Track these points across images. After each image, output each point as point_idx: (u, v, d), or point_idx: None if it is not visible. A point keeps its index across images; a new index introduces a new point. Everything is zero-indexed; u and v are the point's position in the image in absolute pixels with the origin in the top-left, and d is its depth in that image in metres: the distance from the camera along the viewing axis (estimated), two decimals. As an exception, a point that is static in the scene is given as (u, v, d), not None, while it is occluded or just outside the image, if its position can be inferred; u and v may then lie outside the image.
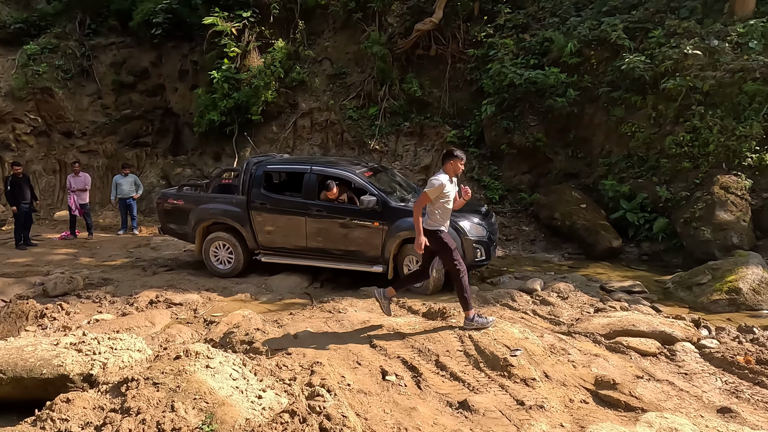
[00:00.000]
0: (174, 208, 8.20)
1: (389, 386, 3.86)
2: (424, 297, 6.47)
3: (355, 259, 7.11)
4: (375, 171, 7.68)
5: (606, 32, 10.97)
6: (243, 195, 7.55)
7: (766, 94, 9.23)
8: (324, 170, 7.36)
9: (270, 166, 7.69)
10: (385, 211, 6.81)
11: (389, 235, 6.78)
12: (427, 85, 13.82)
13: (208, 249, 7.85)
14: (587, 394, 3.63)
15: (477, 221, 6.91)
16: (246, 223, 7.51)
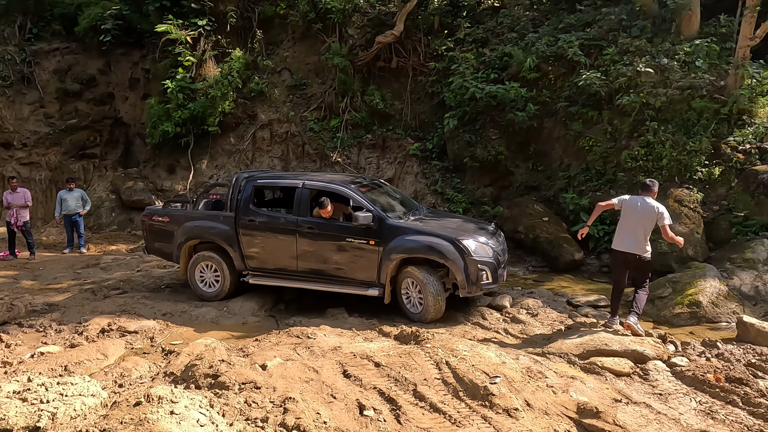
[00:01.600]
0: (159, 226, 7.72)
1: (368, 422, 3.68)
2: (406, 321, 6.20)
3: (350, 282, 6.59)
4: (372, 186, 7.22)
5: (563, 49, 11.25)
6: (231, 212, 7.09)
7: (712, 110, 9.67)
8: (317, 185, 6.90)
9: (260, 181, 7.24)
10: (381, 229, 6.30)
11: (386, 256, 6.26)
12: (389, 97, 13.78)
13: (193, 270, 7.31)
14: (571, 424, 3.57)
15: (483, 240, 6.31)
16: (233, 242, 7.01)
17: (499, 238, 6.84)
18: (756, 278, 7.15)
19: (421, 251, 6.16)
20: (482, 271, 6.04)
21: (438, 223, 6.91)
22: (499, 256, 6.45)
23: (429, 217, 7.21)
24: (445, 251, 6.02)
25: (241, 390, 4.18)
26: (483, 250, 6.18)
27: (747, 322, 5.65)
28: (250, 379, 4.34)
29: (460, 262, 5.98)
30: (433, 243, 6.11)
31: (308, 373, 4.49)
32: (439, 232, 6.25)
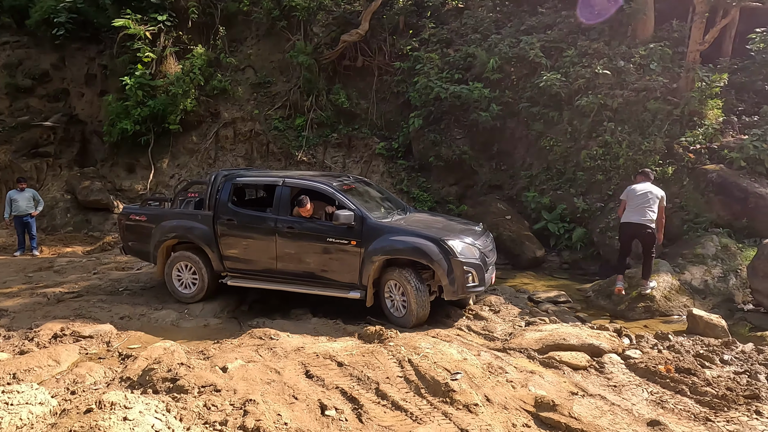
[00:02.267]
0: (136, 226, 7.43)
1: (329, 422, 3.67)
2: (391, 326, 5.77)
3: (331, 284, 6.32)
4: (357, 185, 6.97)
5: (525, 50, 11.48)
6: (209, 211, 6.85)
7: (666, 112, 10.05)
8: (297, 183, 6.67)
9: (239, 179, 7.00)
10: (363, 228, 6.04)
11: (368, 257, 5.99)
12: (354, 96, 13.76)
13: (170, 271, 7.07)
14: (529, 417, 3.65)
15: (470, 241, 6.00)
16: (211, 242, 6.78)
17: (487, 239, 6.55)
18: (705, 273, 7.47)
19: (404, 252, 5.90)
20: (468, 273, 5.77)
21: (423, 222, 6.64)
22: (486, 257, 6.16)
23: (415, 216, 6.96)
24: (429, 252, 5.77)
25: (201, 393, 4.09)
26: (469, 251, 5.90)
27: (696, 315, 5.90)
28: (210, 382, 4.25)
29: (445, 264, 5.72)
30: (417, 243, 5.84)
31: (270, 375, 4.44)
32: (424, 232, 6.00)
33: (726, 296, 7.13)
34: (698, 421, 3.73)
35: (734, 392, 4.13)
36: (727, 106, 10.39)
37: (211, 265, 6.87)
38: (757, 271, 6.49)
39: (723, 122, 10.01)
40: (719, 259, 7.68)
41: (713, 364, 4.76)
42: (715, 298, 7.13)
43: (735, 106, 10.69)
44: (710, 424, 3.68)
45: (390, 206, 6.96)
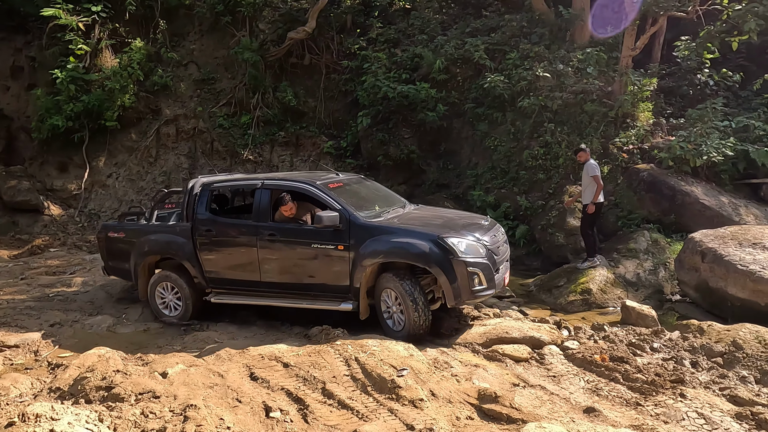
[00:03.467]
0: (116, 243, 6.81)
1: (274, 424, 3.60)
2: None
3: (320, 295, 5.64)
4: (347, 183, 6.30)
5: (470, 52, 11.74)
6: (187, 222, 6.23)
7: (601, 113, 10.53)
8: (277, 184, 6.03)
9: (216, 184, 6.43)
10: (351, 230, 5.33)
11: (358, 262, 5.27)
12: (302, 94, 13.61)
13: (153, 291, 6.42)
14: (472, 410, 3.73)
15: (474, 237, 5.24)
16: (192, 257, 6.13)
17: (497, 234, 5.72)
18: (637, 266, 7.90)
19: (396, 255, 5.18)
20: (474, 274, 4.99)
21: (421, 219, 5.96)
22: (495, 254, 5.35)
23: (414, 213, 6.24)
24: (425, 253, 5.04)
25: (138, 401, 3.92)
26: (473, 249, 5.11)
27: (629, 306, 6.22)
28: (148, 388, 4.08)
29: (445, 266, 4.97)
30: (410, 243, 5.13)
31: (213, 378, 4.31)
32: (418, 230, 5.30)
33: (656, 288, 7.57)
34: (630, 406, 3.93)
35: (662, 377, 4.38)
36: (657, 109, 11.03)
37: (193, 282, 6.24)
38: (683, 263, 6.92)
39: (653, 124, 10.61)
40: (650, 253, 8.14)
41: (644, 352, 5.04)
42: (647, 289, 7.55)
43: (664, 109, 11.36)
44: (640, 408, 3.89)
45: (386, 204, 6.21)
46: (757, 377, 4.50)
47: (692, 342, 5.14)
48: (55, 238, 11.34)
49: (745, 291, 5.83)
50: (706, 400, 3.96)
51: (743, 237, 6.47)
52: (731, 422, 3.65)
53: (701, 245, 6.57)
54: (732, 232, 6.70)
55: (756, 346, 4.81)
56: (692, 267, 6.65)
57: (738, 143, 9.26)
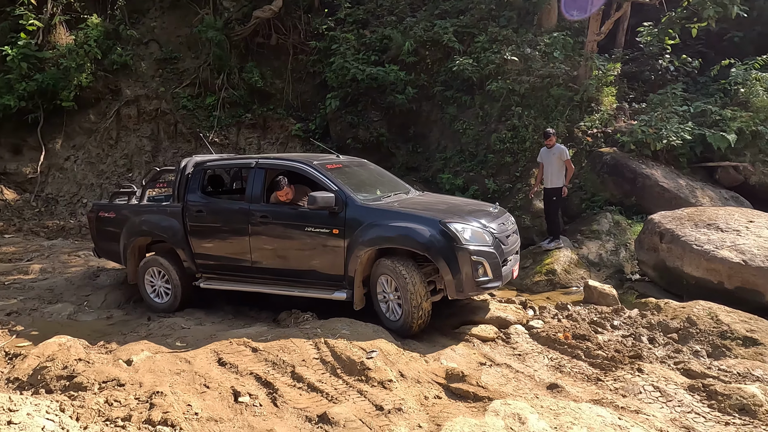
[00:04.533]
0: (106, 224, 6.56)
1: (243, 408, 3.59)
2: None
3: (313, 283, 5.35)
4: (346, 165, 5.98)
5: (438, 34, 11.70)
6: (178, 202, 6.00)
7: (568, 98, 10.70)
8: (272, 163, 5.75)
9: (209, 163, 6.19)
10: (347, 213, 5.03)
11: (353, 247, 4.96)
12: (268, 75, 13.33)
13: (143, 276, 6.19)
14: (440, 389, 3.80)
15: (479, 224, 4.88)
16: (181, 239, 5.90)
17: (506, 222, 5.36)
18: (600, 247, 8.14)
19: (394, 240, 4.84)
20: (478, 264, 4.64)
21: (424, 204, 5.60)
22: (503, 244, 5.02)
23: (417, 198, 5.95)
24: (425, 238, 4.68)
25: (102, 389, 3.84)
26: (479, 237, 4.77)
27: (591, 286, 6.41)
28: (112, 376, 4.00)
29: (447, 253, 4.62)
30: (410, 228, 4.79)
31: (180, 365, 4.25)
32: (420, 214, 4.96)
33: (617, 268, 7.83)
34: (591, 382, 4.08)
35: (621, 354, 4.56)
36: (620, 94, 11.27)
37: (182, 266, 5.99)
38: (643, 244, 7.17)
39: (616, 108, 10.85)
40: (612, 234, 8.39)
41: (605, 329, 5.22)
42: (608, 269, 7.80)
43: (627, 93, 11.62)
44: (600, 383, 4.04)
45: (388, 189, 5.90)
46: (708, 351, 4.73)
47: (650, 319, 5.35)
48: (10, 223, 10.89)
49: (700, 270, 6.09)
50: (661, 374, 4.14)
51: (699, 218, 6.73)
52: (684, 394, 3.83)
53: (660, 226, 6.80)
54: (689, 214, 6.96)
55: (708, 322, 5.05)
56: (651, 247, 6.89)
57: (696, 128, 9.58)
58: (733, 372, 4.22)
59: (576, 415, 3.26)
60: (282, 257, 5.46)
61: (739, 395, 3.68)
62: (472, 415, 3.35)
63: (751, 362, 4.45)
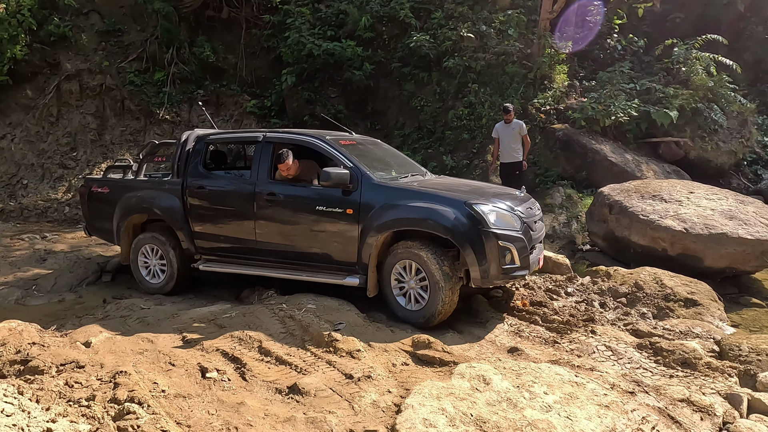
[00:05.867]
0: (99, 199, 6.19)
1: (211, 384, 3.57)
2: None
3: (323, 267, 5.00)
4: (361, 143, 5.65)
5: (395, 10, 11.61)
6: (177, 177, 5.66)
7: (522, 75, 10.93)
8: (281, 137, 5.38)
9: (213, 137, 5.81)
10: (362, 192, 4.68)
11: (368, 229, 4.59)
12: (221, 50, 12.88)
13: (136, 256, 5.88)
14: (407, 357, 3.90)
15: (506, 207, 4.55)
16: (180, 217, 5.55)
17: (533, 207, 5.01)
18: (553, 219, 8.47)
19: (415, 222, 4.49)
20: (506, 249, 4.30)
21: (445, 185, 5.28)
22: (532, 230, 4.69)
23: (435, 180, 5.65)
24: (449, 221, 4.33)
25: (60, 372, 3.72)
26: (506, 221, 4.44)
27: (546, 256, 6.68)
28: (70, 359, 3.88)
29: (473, 237, 4.27)
30: (432, 209, 4.43)
31: (142, 345, 4.17)
32: (443, 194, 4.61)
33: (569, 239, 8.18)
34: (548, 344, 4.30)
35: (575, 318, 4.81)
36: (571, 72, 11.61)
37: (180, 246, 5.65)
38: (593, 216, 7.50)
39: (568, 86, 11.18)
40: (564, 207, 8.74)
41: (559, 296, 5.48)
42: (561, 240, 8.14)
43: (577, 71, 11.98)
44: (557, 345, 4.26)
45: (404, 170, 5.55)
46: (654, 313, 5.07)
47: (601, 286, 5.65)
48: (-58, 207, 10.18)
49: (646, 238, 6.45)
50: (612, 335, 4.41)
51: (644, 190, 7.10)
52: (633, 352, 4.11)
53: (609, 198, 7.14)
54: (635, 186, 7.33)
55: (654, 286, 5.39)
56: (601, 219, 7.23)
57: (641, 105, 10.03)
58: (676, 330, 4.55)
59: (536, 374, 3.44)
60: (290, 239, 5.08)
61: (682, 350, 3.98)
62: (439, 378, 3.47)
63: (692, 321, 4.81)
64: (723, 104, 10.43)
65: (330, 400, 3.28)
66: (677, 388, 3.50)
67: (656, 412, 3.19)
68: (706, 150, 10.13)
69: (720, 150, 10.26)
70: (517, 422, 2.91)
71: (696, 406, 3.34)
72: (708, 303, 5.21)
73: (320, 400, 3.29)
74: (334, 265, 4.93)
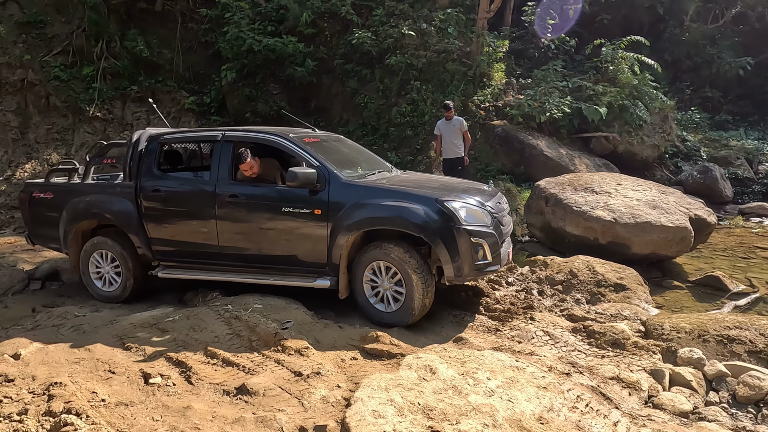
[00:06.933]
0: (42, 206, 5.73)
1: (155, 389, 3.47)
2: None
3: (291, 270, 4.84)
4: (325, 140, 5.46)
5: (336, 6, 11.60)
6: (130, 180, 5.34)
7: (462, 73, 11.22)
8: (241, 136, 5.13)
9: (167, 136, 5.49)
10: (330, 191, 4.55)
11: (338, 229, 4.48)
12: (155, 44, 12.37)
13: (86, 263, 5.52)
14: (356, 351, 3.95)
15: (477, 202, 4.54)
16: (134, 222, 5.25)
17: (501, 202, 5.04)
18: (494, 213, 8.76)
19: (387, 221, 4.42)
20: (478, 246, 4.30)
21: (414, 181, 5.23)
22: (501, 224, 4.73)
23: (403, 176, 5.58)
24: (421, 218, 4.29)
25: (-14, 388, 3.50)
26: (478, 217, 4.44)
27: (488, 248, 6.92)
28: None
29: (445, 234, 4.25)
30: (403, 207, 4.37)
31: (78, 354, 3.99)
32: (414, 192, 4.55)
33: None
34: (491, 332, 4.48)
35: (516, 306, 5.03)
36: (509, 70, 12.04)
37: (135, 252, 5.36)
38: (531, 208, 7.84)
39: (506, 83, 11.59)
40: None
41: (501, 286, 5.70)
42: (502, 233, 8.45)
43: (514, 69, 12.44)
44: (499, 332, 4.45)
45: (370, 166, 5.45)
46: (587, 298, 5.38)
47: (539, 275, 5.93)
48: None
49: (579, 228, 6.82)
50: (550, 321, 4.65)
51: (577, 183, 7.50)
52: (569, 336, 4.36)
53: (545, 191, 7.48)
54: (569, 179, 7.72)
55: (587, 273, 5.72)
56: (538, 211, 7.57)
57: (573, 102, 10.56)
58: (607, 314, 4.86)
59: (480, 361, 3.58)
60: (254, 242, 4.89)
61: (612, 332, 4.27)
62: (387, 370, 3.54)
63: (621, 304, 5.15)
64: (647, 101, 11.16)
65: (279, 399, 3.28)
66: (608, 367, 3.76)
67: (589, 390, 3.41)
68: (632, 144, 10.81)
69: (645, 144, 10.98)
70: (462, 408, 3.03)
71: (624, 382, 3.61)
72: (635, 287, 5.59)
73: (269, 399, 3.28)
74: (303, 267, 4.78)
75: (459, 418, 2.94)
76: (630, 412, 3.28)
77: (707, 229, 7.03)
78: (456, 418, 2.94)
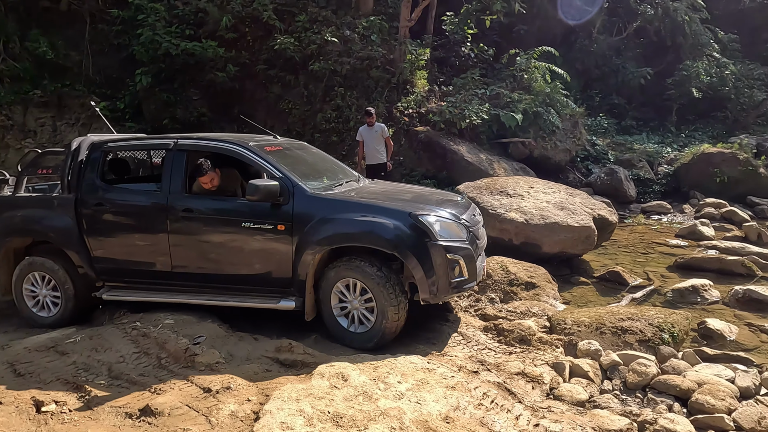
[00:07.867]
0: None
1: (47, 418, 3.25)
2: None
3: (252, 290, 4.50)
4: (288, 148, 5.08)
5: (258, 11, 11.43)
6: (69, 193, 4.82)
7: (386, 80, 11.40)
8: (196, 144, 4.69)
9: (111, 144, 4.99)
10: (295, 205, 4.22)
11: (304, 246, 4.17)
12: (61, 46, 11.62)
13: (20, 286, 4.94)
14: (270, 363, 3.89)
15: (451, 215, 4.31)
16: (75, 239, 4.76)
17: (475, 214, 4.80)
18: (418, 217, 8.96)
19: (357, 237, 4.15)
20: (454, 262, 4.07)
21: (384, 193, 4.91)
22: (477, 238, 4.55)
23: (372, 187, 5.21)
24: (393, 234, 4.02)
25: None
26: (453, 230, 4.21)
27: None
28: None
29: (419, 251, 4.00)
30: (374, 222, 4.09)
31: (-42, 385, 3.65)
32: (385, 205, 4.28)
33: (433, 235, 8.71)
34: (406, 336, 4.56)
35: (432, 308, 5.16)
36: (431, 77, 12.38)
37: (77, 272, 4.86)
38: (452, 212, 8.09)
39: (428, 90, 11.90)
40: (428, 205, 9.29)
41: (421, 289, 5.83)
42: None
43: (437, 77, 12.81)
44: (414, 335, 4.54)
45: (336, 176, 5.09)
46: (501, 297, 5.62)
47: (457, 276, 6.12)
48: None
49: (495, 230, 7.10)
50: (464, 321, 4.82)
51: (494, 187, 7.82)
52: (480, 335, 4.53)
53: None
54: (486, 183, 8.04)
55: (501, 273, 5.98)
56: (458, 214, 7.81)
57: (492, 108, 11.02)
58: (516, 311, 5.11)
59: (392, 365, 3.65)
60: (212, 260, 4.52)
61: (519, 329, 4.49)
62: (300, 381, 3.52)
63: (531, 302, 5.43)
64: (558, 108, 11.85)
65: (185, 417, 3.17)
66: (515, 363, 3.95)
67: (495, 386, 3.57)
68: (546, 149, 11.44)
69: (558, 148, 11.65)
70: (371, 413, 3.07)
71: (529, 377, 3.81)
72: (545, 284, 5.91)
73: (175, 419, 3.16)
74: (265, 287, 4.46)
75: (368, 424, 2.98)
76: (532, 404, 3.46)
77: (610, 228, 7.56)
78: (365, 424, 2.98)
